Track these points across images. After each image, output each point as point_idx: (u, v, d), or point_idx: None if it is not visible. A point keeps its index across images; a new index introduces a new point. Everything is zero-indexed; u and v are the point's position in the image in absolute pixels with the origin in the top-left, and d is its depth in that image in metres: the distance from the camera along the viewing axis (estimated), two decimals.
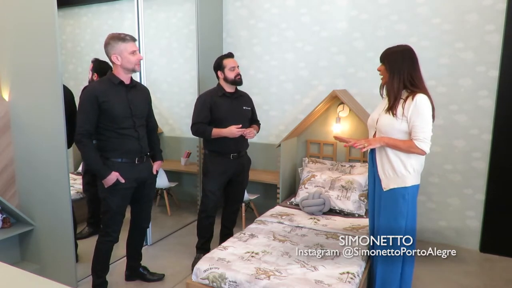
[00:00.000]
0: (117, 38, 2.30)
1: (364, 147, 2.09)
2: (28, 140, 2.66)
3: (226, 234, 3.16)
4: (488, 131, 3.18)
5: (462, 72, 3.21)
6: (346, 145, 2.26)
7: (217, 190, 2.98)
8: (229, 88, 2.94)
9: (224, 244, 2.51)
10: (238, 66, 2.93)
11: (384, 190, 2.18)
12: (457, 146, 3.31)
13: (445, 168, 3.36)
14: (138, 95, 2.47)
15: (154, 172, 2.63)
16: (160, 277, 2.80)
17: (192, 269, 2.97)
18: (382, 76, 2.21)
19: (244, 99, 3.06)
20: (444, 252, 3.27)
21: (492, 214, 3.21)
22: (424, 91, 2.09)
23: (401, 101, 2.10)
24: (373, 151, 2.24)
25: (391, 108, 2.11)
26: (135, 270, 2.77)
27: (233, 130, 2.80)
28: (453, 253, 3.23)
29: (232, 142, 2.90)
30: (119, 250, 2.81)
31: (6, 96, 2.70)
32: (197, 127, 2.88)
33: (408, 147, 2.07)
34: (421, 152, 2.07)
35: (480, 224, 3.29)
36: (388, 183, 2.16)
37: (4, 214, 2.73)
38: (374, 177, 2.28)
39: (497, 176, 3.16)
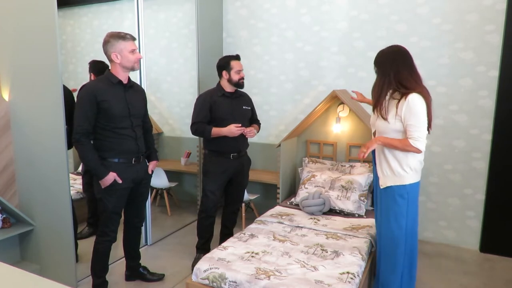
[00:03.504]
0: (117, 36, 2.28)
1: (364, 154, 2.11)
2: (28, 140, 2.66)
3: (226, 234, 3.17)
4: (488, 131, 3.18)
5: (462, 72, 3.21)
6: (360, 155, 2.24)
7: (217, 190, 2.98)
8: (229, 88, 2.94)
9: (224, 244, 2.51)
10: (242, 70, 2.95)
11: (381, 187, 2.25)
12: (457, 146, 3.31)
13: (445, 168, 3.36)
14: (135, 95, 2.46)
15: (150, 172, 2.61)
16: (160, 277, 2.80)
17: (192, 269, 2.98)
18: None
19: (244, 99, 3.07)
20: (444, 252, 3.29)
21: (492, 214, 3.21)
22: (419, 89, 2.10)
23: (395, 101, 2.15)
24: (374, 150, 2.31)
25: (375, 107, 2.18)
26: (135, 270, 2.77)
27: (232, 129, 2.80)
28: (453, 253, 3.24)
29: (233, 142, 2.90)
30: (119, 250, 2.81)
31: (6, 96, 2.70)
32: (196, 127, 2.88)
33: (403, 145, 2.11)
34: (416, 151, 2.10)
35: (480, 224, 3.29)
36: (385, 181, 2.22)
37: (4, 214, 2.73)
38: (375, 175, 2.36)
39: (497, 176, 3.16)
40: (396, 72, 2.11)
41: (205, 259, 2.28)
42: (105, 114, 2.28)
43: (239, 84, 2.93)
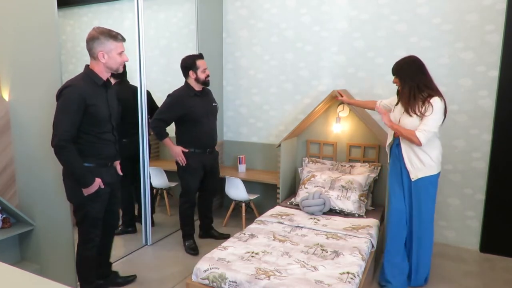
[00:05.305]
0: (108, 34, 2.14)
1: (380, 112, 2.55)
2: (28, 140, 2.66)
3: (207, 224, 3.44)
4: (488, 131, 3.18)
5: (462, 72, 3.21)
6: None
7: (197, 184, 3.22)
8: (197, 87, 3.11)
9: (224, 244, 2.51)
10: (207, 68, 3.11)
11: (413, 180, 2.49)
12: (457, 146, 3.30)
13: (445, 168, 3.35)
14: (113, 96, 2.35)
15: (120, 173, 2.50)
16: (132, 279, 2.70)
17: (185, 245, 3.25)
18: (399, 86, 2.53)
19: (211, 96, 3.26)
20: (444, 252, 3.28)
21: (492, 214, 3.21)
22: (438, 93, 2.40)
23: (420, 103, 2.41)
24: (398, 147, 2.55)
25: (409, 110, 2.41)
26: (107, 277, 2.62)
27: (179, 154, 3.05)
28: (453, 253, 3.24)
29: (208, 138, 3.13)
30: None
31: (6, 96, 2.70)
32: (158, 124, 3.03)
33: (408, 134, 2.38)
34: (417, 142, 2.36)
35: (480, 224, 3.29)
36: (416, 173, 2.48)
37: (4, 214, 2.73)
38: (400, 169, 2.57)
39: (497, 176, 3.16)
40: (420, 80, 2.40)
41: (205, 259, 2.28)
42: (90, 119, 2.14)
43: (206, 82, 3.10)
